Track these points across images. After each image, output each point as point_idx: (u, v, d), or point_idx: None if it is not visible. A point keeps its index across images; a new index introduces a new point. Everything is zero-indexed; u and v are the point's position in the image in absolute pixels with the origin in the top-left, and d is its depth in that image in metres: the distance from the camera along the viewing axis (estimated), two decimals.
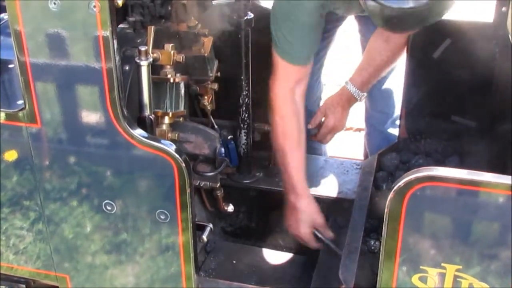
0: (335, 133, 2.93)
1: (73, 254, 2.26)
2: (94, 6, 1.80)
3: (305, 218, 2.59)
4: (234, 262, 2.86)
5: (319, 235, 2.60)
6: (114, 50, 1.84)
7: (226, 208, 2.78)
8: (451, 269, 1.87)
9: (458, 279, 1.87)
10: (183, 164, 1.93)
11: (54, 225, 2.22)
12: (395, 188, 1.78)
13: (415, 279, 1.91)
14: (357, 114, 4.12)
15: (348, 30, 3.29)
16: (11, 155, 2.18)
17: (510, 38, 2.53)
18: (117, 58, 1.86)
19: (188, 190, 1.97)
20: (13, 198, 2.26)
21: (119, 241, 2.17)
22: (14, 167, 2.19)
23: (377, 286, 1.95)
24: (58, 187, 2.12)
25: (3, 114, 2.09)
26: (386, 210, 1.82)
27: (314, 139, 2.97)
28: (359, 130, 4.23)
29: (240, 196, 2.89)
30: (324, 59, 3.21)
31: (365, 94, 2.87)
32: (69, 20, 1.85)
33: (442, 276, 1.88)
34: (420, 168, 1.78)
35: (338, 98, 2.84)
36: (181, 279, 2.15)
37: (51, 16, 1.85)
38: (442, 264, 1.87)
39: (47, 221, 2.21)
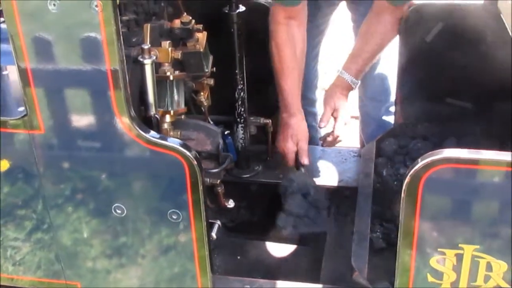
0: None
1: (83, 261, 2.22)
2: (96, 6, 1.76)
3: (292, 133, 2.73)
4: (238, 257, 2.84)
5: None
6: (119, 49, 1.80)
7: (226, 204, 2.75)
8: (468, 250, 1.88)
9: (476, 259, 1.88)
10: (195, 162, 1.91)
11: (62, 233, 2.17)
12: (411, 172, 1.79)
13: (433, 261, 1.91)
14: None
15: (343, 19, 3.29)
16: (3, 165, 2.13)
17: (503, 18, 2.56)
18: (123, 57, 1.82)
19: (200, 188, 1.94)
20: (14, 207, 2.21)
21: (131, 245, 2.13)
22: (11, 176, 2.14)
23: (396, 270, 1.95)
24: (65, 193, 2.08)
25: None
26: (402, 195, 1.82)
27: (330, 143, 2.86)
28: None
29: (240, 190, 2.86)
30: (319, 47, 3.20)
31: (359, 82, 2.85)
32: (70, 22, 1.81)
33: (460, 257, 1.89)
34: (435, 151, 1.78)
35: (340, 89, 2.81)
36: (196, 278, 2.12)
37: (51, 18, 1.81)
38: (460, 245, 1.88)
39: (55, 229, 2.17)
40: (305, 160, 2.73)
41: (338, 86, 2.80)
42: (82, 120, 1.95)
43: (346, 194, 2.77)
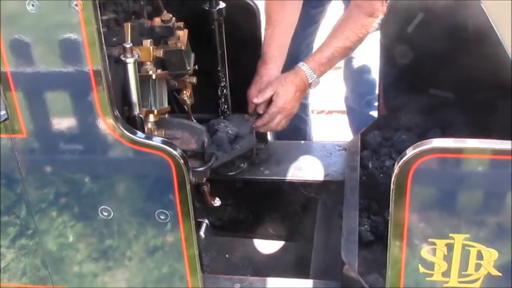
0: (286, 116, 2.71)
1: (69, 265, 2.19)
2: (76, 5, 1.73)
3: (257, 80, 2.71)
4: (226, 256, 2.83)
5: None
6: (101, 49, 1.77)
7: (213, 202, 2.73)
8: (459, 239, 1.88)
9: (466, 247, 1.88)
10: (181, 161, 1.88)
11: (47, 238, 2.14)
12: (400, 163, 1.78)
13: (423, 252, 1.91)
14: (329, 96, 4.14)
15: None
16: None
17: (483, 7, 2.56)
18: (105, 57, 1.79)
19: (188, 187, 1.92)
20: None
21: (118, 247, 2.11)
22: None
23: (387, 262, 1.94)
24: (49, 197, 2.04)
25: None
26: (392, 187, 1.81)
27: (258, 126, 2.75)
28: (330, 112, 4.23)
29: (226, 188, 2.84)
30: (312, 38, 3.20)
31: (319, 80, 2.70)
32: (49, 22, 1.78)
33: (451, 246, 1.89)
34: (424, 141, 1.78)
35: (293, 77, 2.66)
36: (186, 278, 2.10)
37: (30, 19, 1.78)
38: (450, 235, 1.87)
39: (40, 234, 2.13)
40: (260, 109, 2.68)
41: (292, 73, 2.67)
42: (66, 122, 1.91)
43: (332, 188, 2.76)
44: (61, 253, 2.18)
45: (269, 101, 2.68)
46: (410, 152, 1.76)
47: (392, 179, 1.80)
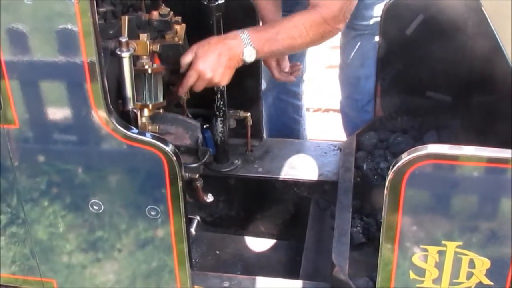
0: (207, 83, 2.33)
1: (58, 255, 2.17)
2: None
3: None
4: (217, 252, 2.82)
5: None
6: (96, 41, 1.75)
7: (205, 198, 2.72)
8: (451, 246, 1.86)
9: (458, 255, 1.87)
10: (174, 157, 1.87)
11: (38, 227, 2.12)
12: (394, 168, 1.76)
13: (415, 258, 1.89)
14: (326, 95, 4.12)
15: None
16: None
17: (484, 10, 2.55)
18: (100, 49, 1.77)
19: (180, 184, 1.90)
20: None
21: (109, 241, 2.09)
22: None
23: (378, 267, 1.93)
24: (41, 187, 2.02)
25: None
26: (385, 192, 1.80)
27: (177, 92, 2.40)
28: (327, 110, 4.21)
29: (219, 185, 2.83)
30: None
31: (254, 53, 2.31)
32: (45, 13, 1.75)
33: (443, 253, 1.87)
34: (419, 146, 1.76)
35: (220, 39, 2.35)
36: (175, 276, 2.09)
37: (25, 9, 1.75)
38: (443, 242, 1.86)
39: (30, 224, 2.11)
40: None
41: (221, 36, 2.38)
42: (58, 114, 1.89)
43: (326, 188, 2.75)
44: (51, 243, 2.17)
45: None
46: (404, 157, 1.75)
47: (386, 183, 1.78)
